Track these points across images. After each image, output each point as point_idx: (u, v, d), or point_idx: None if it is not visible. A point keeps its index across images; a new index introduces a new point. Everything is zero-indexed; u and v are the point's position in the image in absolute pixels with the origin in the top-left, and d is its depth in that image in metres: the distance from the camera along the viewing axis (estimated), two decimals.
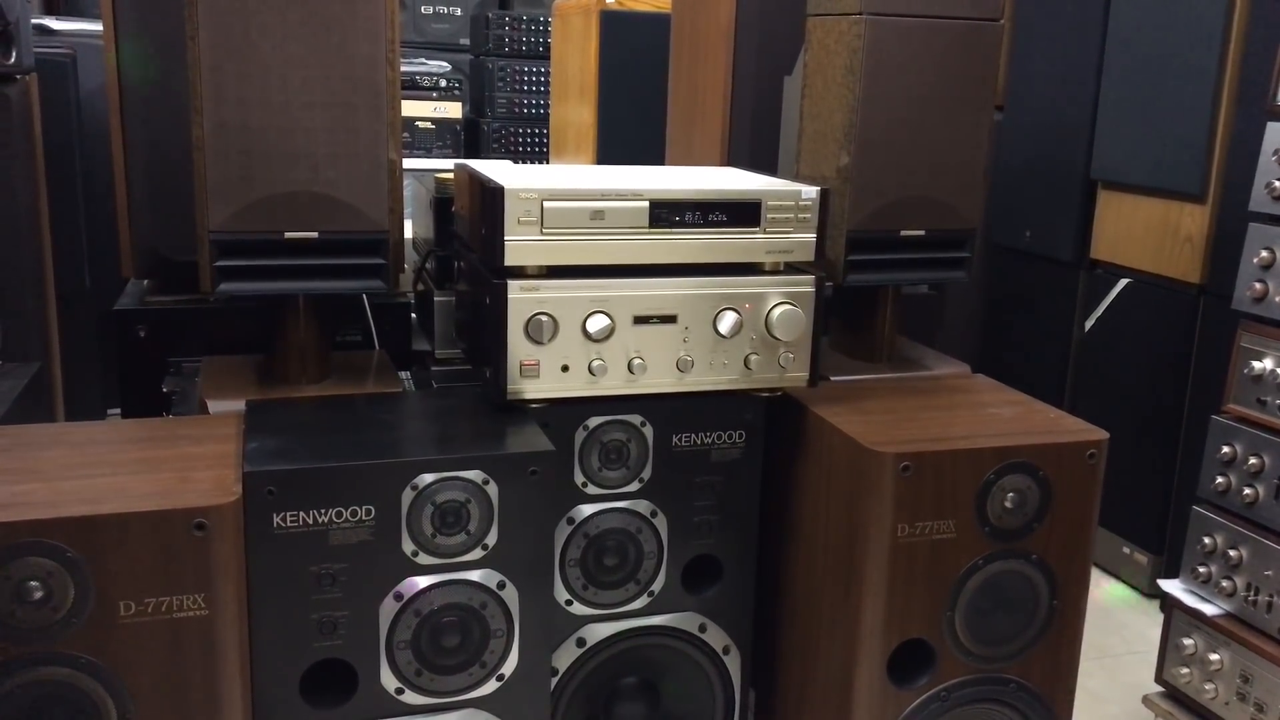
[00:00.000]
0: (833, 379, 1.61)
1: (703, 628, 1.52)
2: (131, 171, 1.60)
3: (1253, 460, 1.62)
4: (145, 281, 1.71)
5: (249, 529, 1.17)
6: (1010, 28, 2.69)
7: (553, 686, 1.44)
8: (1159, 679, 1.80)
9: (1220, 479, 1.67)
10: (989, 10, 1.56)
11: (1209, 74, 2.14)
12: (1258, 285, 1.62)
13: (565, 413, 1.39)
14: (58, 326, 1.98)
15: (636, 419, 1.42)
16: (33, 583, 1.07)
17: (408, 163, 1.80)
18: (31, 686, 1.09)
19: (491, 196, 1.31)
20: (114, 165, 1.61)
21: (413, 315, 1.73)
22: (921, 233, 1.60)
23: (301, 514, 1.19)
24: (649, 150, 2.46)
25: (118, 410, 1.65)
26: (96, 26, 2.55)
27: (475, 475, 1.25)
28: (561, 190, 1.32)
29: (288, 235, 1.34)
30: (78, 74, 2.33)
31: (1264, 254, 1.61)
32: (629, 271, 1.37)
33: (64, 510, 1.08)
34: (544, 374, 1.35)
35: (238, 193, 1.31)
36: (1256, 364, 1.62)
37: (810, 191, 1.42)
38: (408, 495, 1.22)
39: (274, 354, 1.48)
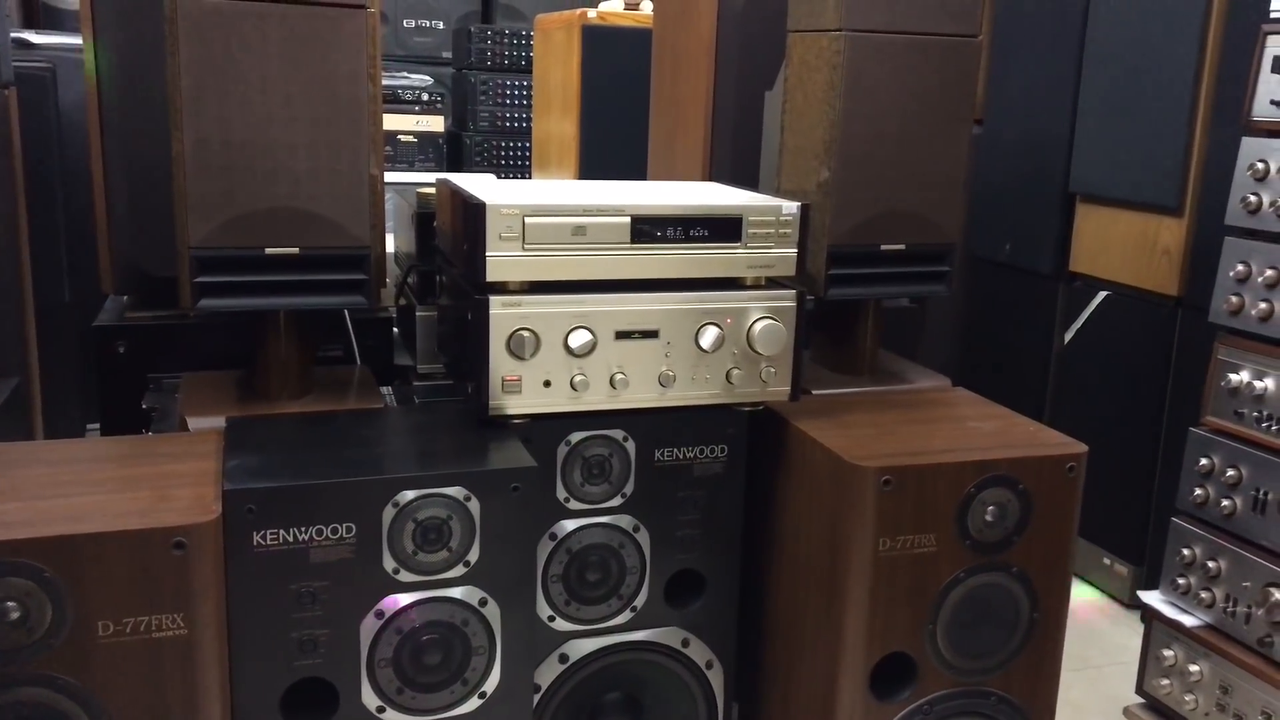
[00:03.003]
0: (814, 392, 1.62)
1: (685, 642, 1.52)
2: (111, 186, 1.59)
3: (1230, 472, 1.63)
4: (125, 297, 1.70)
5: (229, 547, 1.16)
6: (989, 43, 2.71)
7: (535, 703, 1.43)
8: (1140, 690, 1.81)
9: (1199, 491, 1.68)
10: (967, 27, 1.57)
11: (1185, 89, 2.16)
12: (1234, 298, 1.63)
13: (547, 428, 1.39)
14: (37, 342, 1.97)
15: (619, 434, 1.42)
16: (9, 603, 1.06)
17: (390, 176, 1.80)
18: (8, 708, 1.08)
19: (473, 212, 1.31)
20: (93, 180, 1.60)
21: (395, 330, 1.72)
22: (902, 247, 1.61)
23: (282, 532, 1.18)
24: (631, 163, 2.46)
25: (97, 426, 1.64)
26: (76, 40, 2.54)
27: (457, 492, 1.24)
28: (543, 206, 1.33)
29: (268, 251, 1.34)
30: (57, 88, 2.32)
31: (1240, 267, 1.63)
32: (611, 287, 1.37)
33: (41, 530, 1.08)
34: (526, 389, 1.35)
35: (218, 208, 1.31)
36: (1234, 377, 1.64)
37: (791, 207, 1.43)
38: (389, 512, 1.22)
39: (255, 370, 1.48)
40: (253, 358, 1.48)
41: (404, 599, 1.25)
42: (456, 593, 1.27)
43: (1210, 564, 1.66)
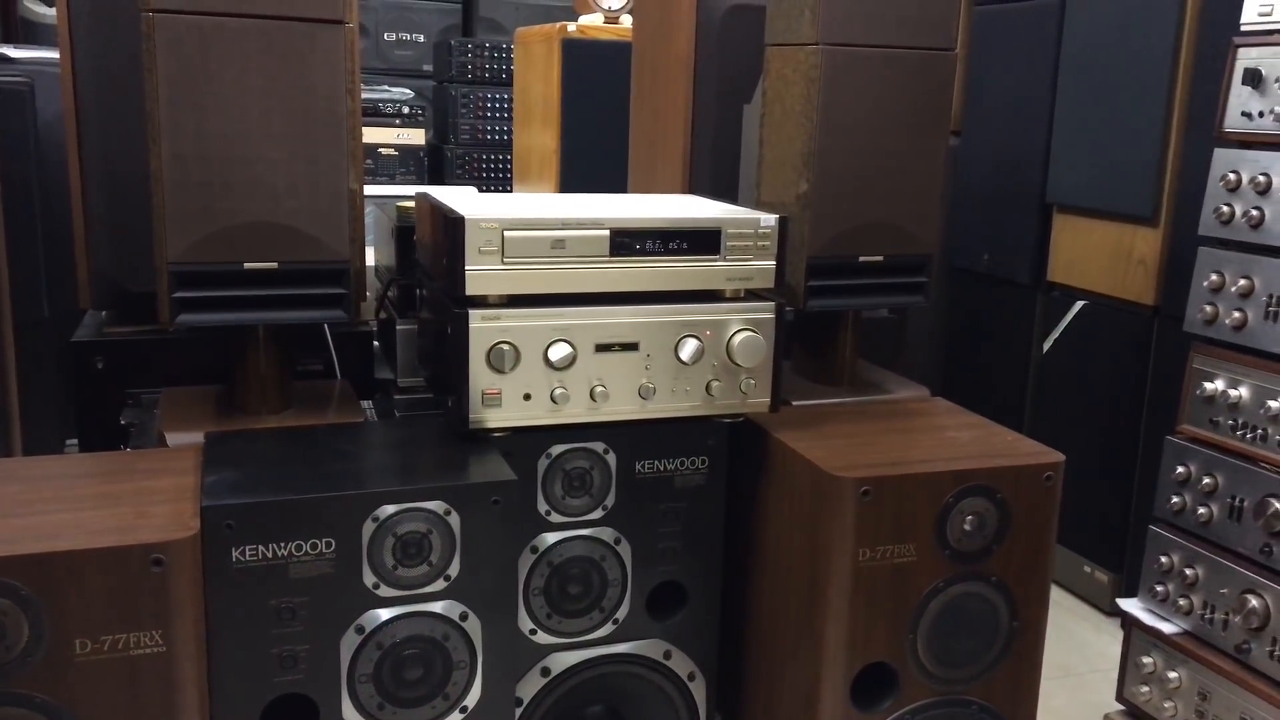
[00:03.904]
0: (794, 403, 1.62)
1: (668, 654, 1.52)
2: (89, 201, 1.59)
3: (1206, 480, 1.64)
4: (104, 312, 1.69)
5: (207, 564, 1.16)
6: (966, 55, 2.74)
7: (517, 717, 1.43)
8: (1120, 697, 1.82)
9: (1175, 499, 1.70)
10: (943, 40, 1.59)
11: (1159, 100, 2.19)
12: (1208, 308, 1.65)
13: (528, 441, 1.39)
14: (15, 357, 1.96)
15: (599, 446, 1.43)
16: None
17: (371, 189, 1.80)
18: None
19: (452, 226, 1.31)
20: (71, 195, 1.60)
21: (375, 344, 1.72)
22: (880, 258, 1.62)
23: (261, 548, 1.18)
24: (612, 176, 2.47)
25: (76, 441, 1.63)
26: (55, 55, 2.53)
27: (437, 506, 1.24)
28: (522, 219, 1.33)
29: (247, 265, 1.33)
30: (36, 103, 2.31)
31: (1214, 277, 1.64)
32: (590, 300, 1.38)
33: (18, 548, 1.07)
34: (506, 403, 1.35)
35: (196, 224, 1.30)
36: (1208, 385, 1.65)
37: (769, 219, 1.44)
38: (369, 527, 1.22)
39: (234, 385, 1.47)
40: (232, 372, 1.47)
41: (384, 614, 1.24)
42: (437, 607, 1.26)
43: (1188, 571, 1.68)
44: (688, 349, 1.41)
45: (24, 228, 2.21)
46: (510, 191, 3.92)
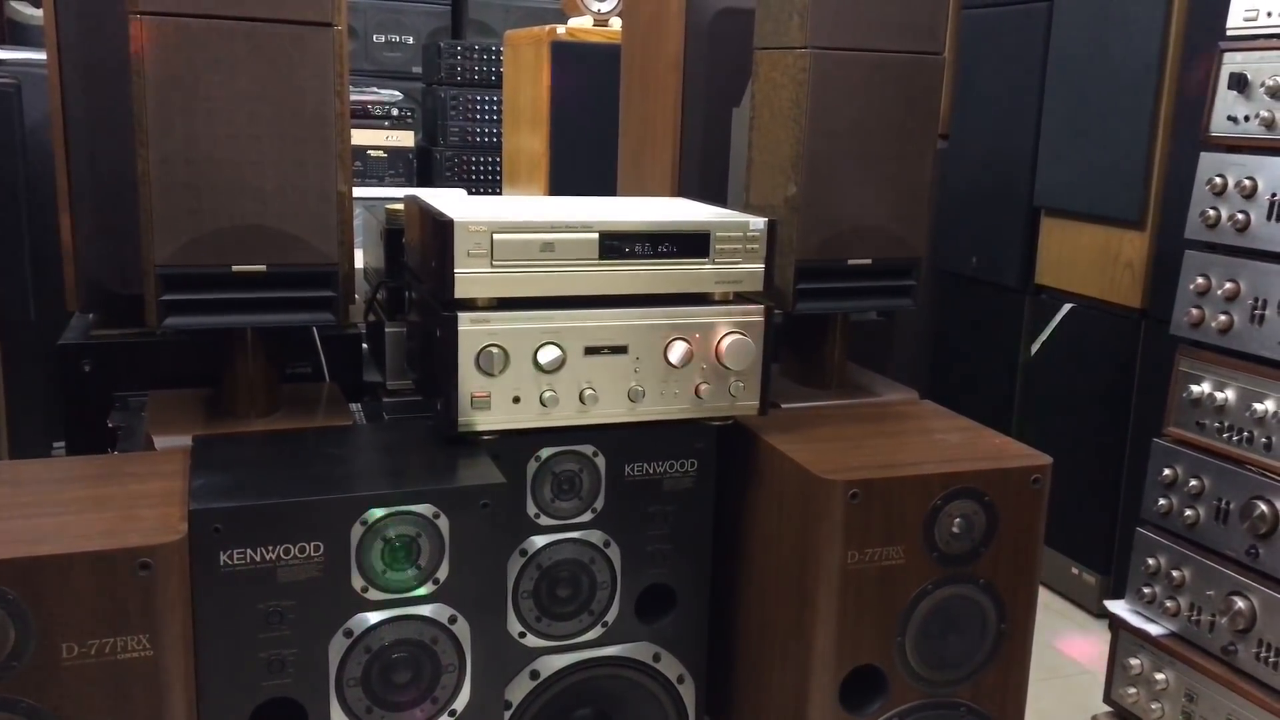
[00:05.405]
0: (783, 406, 1.63)
1: (657, 657, 1.52)
2: (76, 203, 1.58)
3: (1193, 482, 1.65)
4: (91, 315, 1.68)
5: (195, 567, 1.15)
6: (954, 59, 2.75)
7: None
8: (1107, 699, 1.82)
9: (1162, 501, 1.70)
10: (930, 44, 1.59)
11: (1146, 104, 2.20)
12: (1194, 311, 1.66)
13: (517, 444, 1.39)
14: (1, 360, 1.95)
15: (588, 449, 1.43)
16: None
17: (360, 191, 1.80)
18: None
19: (441, 229, 1.31)
20: (59, 197, 1.59)
21: (364, 346, 1.72)
22: (868, 261, 1.62)
23: (249, 551, 1.17)
24: (601, 179, 2.47)
25: (63, 444, 1.62)
26: (42, 56, 2.52)
27: (426, 509, 1.24)
28: (511, 223, 1.33)
29: (235, 268, 1.33)
30: (23, 104, 2.30)
31: (1200, 280, 1.65)
32: (579, 303, 1.38)
33: (4, 551, 1.06)
34: (495, 405, 1.35)
35: (184, 226, 1.30)
36: (1195, 388, 1.66)
37: (758, 222, 1.44)
38: (357, 530, 1.22)
39: (222, 388, 1.47)
40: (220, 375, 1.47)
41: (373, 617, 1.24)
42: (426, 610, 1.26)
43: (1175, 573, 1.68)
44: (676, 352, 1.41)
45: (10, 230, 2.20)
46: (499, 194, 3.92)
